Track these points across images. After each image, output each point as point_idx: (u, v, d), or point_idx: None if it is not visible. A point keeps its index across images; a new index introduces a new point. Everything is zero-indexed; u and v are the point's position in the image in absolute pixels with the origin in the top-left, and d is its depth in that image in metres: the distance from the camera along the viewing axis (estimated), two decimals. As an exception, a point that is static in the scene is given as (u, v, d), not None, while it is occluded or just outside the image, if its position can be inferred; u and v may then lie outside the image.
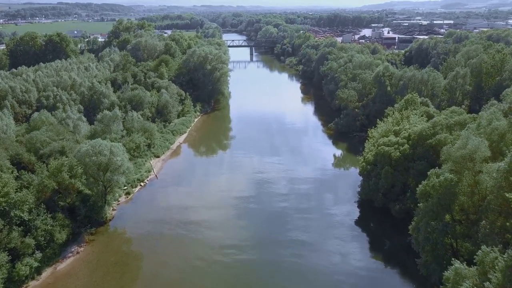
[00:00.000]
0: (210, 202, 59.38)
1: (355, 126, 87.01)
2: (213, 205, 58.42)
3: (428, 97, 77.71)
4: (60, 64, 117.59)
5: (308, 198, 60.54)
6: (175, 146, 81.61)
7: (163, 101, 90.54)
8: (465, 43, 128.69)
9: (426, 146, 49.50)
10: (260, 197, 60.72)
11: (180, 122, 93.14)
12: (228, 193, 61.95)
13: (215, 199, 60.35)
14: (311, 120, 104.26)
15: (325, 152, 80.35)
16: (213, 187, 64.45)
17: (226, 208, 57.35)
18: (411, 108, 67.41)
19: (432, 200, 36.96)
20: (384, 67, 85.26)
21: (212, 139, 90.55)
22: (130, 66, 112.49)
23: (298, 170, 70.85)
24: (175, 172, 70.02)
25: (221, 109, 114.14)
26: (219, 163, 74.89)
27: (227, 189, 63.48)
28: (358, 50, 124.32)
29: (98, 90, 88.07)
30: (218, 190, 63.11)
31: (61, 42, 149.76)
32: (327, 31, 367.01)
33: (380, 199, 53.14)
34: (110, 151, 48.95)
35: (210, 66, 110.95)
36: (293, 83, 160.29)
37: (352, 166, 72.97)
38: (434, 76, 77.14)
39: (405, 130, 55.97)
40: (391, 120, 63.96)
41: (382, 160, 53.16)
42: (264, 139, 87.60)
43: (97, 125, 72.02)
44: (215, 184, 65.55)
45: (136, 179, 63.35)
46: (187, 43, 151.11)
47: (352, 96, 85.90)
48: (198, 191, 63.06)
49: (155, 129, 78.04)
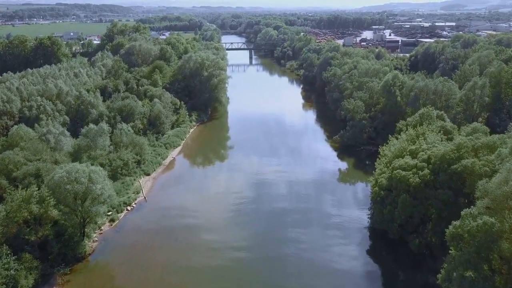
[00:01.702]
0: (203, 228, 53.16)
1: (362, 139, 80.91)
2: (207, 231, 52.23)
3: (442, 109, 71.68)
4: (49, 70, 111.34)
5: (314, 223, 54.36)
6: (167, 161, 75.31)
7: (155, 112, 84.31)
8: (475, 48, 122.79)
9: (450, 172, 43.30)
10: (261, 225, 54.49)
11: (174, 133, 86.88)
12: (223, 218, 55.72)
13: (209, 224, 54.10)
14: (314, 131, 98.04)
15: (330, 168, 74.14)
16: (206, 210, 58.14)
17: (221, 235, 51.14)
18: (426, 123, 61.33)
19: (468, 248, 30.74)
20: (393, 75, 79.14)
21: (208, 152, 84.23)
22: (122, 72, 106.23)
23: (302, 191, 64.65)
24: (167, 193, 63.70)
25: (218, 118, 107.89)
26: (215, 182, 68.48)
27: (222, 214, 57.17)
28: (363, 56, 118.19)
29: (86, 100, 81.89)
30: (212, 215, 56.84)
31: (52, 45, 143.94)
32: (327, 33, 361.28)
33: (396, 230, 46.91)
34: (89, 178, 42.69)
35: (207, 73, 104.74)
36: (294, 89, 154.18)
37: (361, 185, 66.82)
38: (448, 86, 71.02)
39: (423, 151, 49.77)
40: (405, 137, 57.75)
41: (399, 186, 46.93)
42: (265, 152, 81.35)
43: (81, 139, 66.00)
44: (209, 207, 59.24)
45: (122, 203, 57.07)
46: (183, 47, 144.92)
47: (359, 107, 79.75)
48: (191, 214, 56.80)
49: (145, 144, 71.77)
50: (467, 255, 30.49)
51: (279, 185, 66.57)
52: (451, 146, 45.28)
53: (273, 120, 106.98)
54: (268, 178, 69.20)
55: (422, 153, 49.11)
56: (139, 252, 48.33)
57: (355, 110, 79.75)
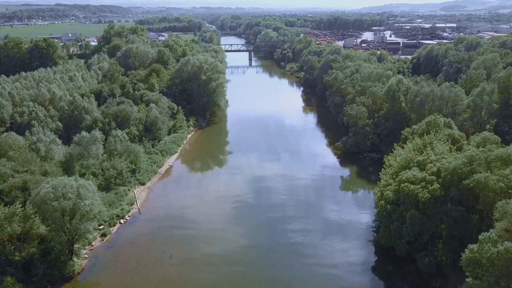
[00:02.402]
0: (200, 241, 50.47)
1: (365, 146, 78.30)
2: (204, 244, 49.56)
3: (449, 115, 69.14)
4: (43, 73, 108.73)
5: (318, 237, 51.73)
6: (163, 169, 72.59)
7: (152, 117, 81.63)
8: (479, 51, 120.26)
9: (462, 187, 40.66)
10: (262, 239, 51.83)
11: (171, 139, 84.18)
12: (221, 230, 53.03)
13: (207, 237, 51.41)
14: (315, 136, 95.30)
15: (332, 176, 71.49)
16: (204, 222, 55.45)
17: (220, 249, 48.48)
18: (433, 131, 58.76)
19: (487, 276, 28.10)
20: (397, 80, 76.49)
21: (206, 159, 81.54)
22: (119, 76, 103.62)
23: (303, 200, 62.02)
24: (162, 204, 60.93)
25: (217, 123, 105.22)
26: (213, 191, 65.68)
27: (220, 226, 54.48)
28: (365, 59, 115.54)
29: (80, 105, 79.21)
30: (210, 226, 54.14)
31: (48, 48, 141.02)
32: (327, 34, 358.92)
33: (404, 247, 44.25)
34: (77, 193, 40.00)
35: (205, 77, 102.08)
36: (294, 92, 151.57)
37: (365, 195, 64.18)
38: (455, 92, 68.41)
39: (431, 163, 47.15)
40: (412, 146, 55.15)
41: (406, 200, 44.30)
42: (265, 157, 78.73)
43: (73, 147, 63.34)
44: (207, 218, 56.54)
45: (115, 216, 54.37)
46: (181, 49, 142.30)
47: (362, 113, 77.11)
48: (188, 226, 54.10)
49: (140, 152, 69.07)
50: (487, 284, 27.85)
51: (280, 193, 64.07)
52: (463, 159, 42.65)
53: (273, 125, 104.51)
54: (268, 185, 66.65)
55: (431, 165, 46.50)
56: (132, 269, 45.68)
57: (358, 116, 77.13)
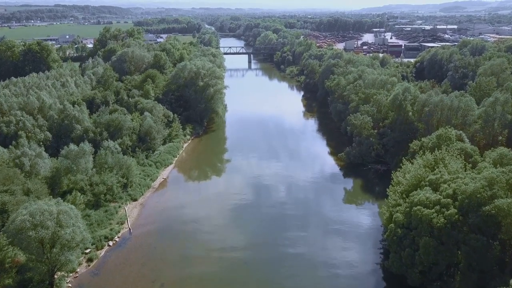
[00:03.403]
0: (195, 266, 46.64)
1: (370, 157, 74.55)
2: (199, 270, 45.74)
3: (459, 126, 65.42)
4: (35, 78, 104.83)
5: (321, 259, 47.94)
6: (157, 183, 68.74)
7: (146, 127, 77.78)
8: (485, 56, 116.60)
9: (482, 214, 36.88)
10: (264, 270, 48.03)
11: (166, 149, 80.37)
12: (218, 255, 49.20)
13: (202, 264, 47.57)
14: (316, 145, 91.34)
15: (335, 190, 67.74)
16: (199, 244, 51.60)
17: (217, 277, 44.66)
18: (444, 145, 55.04)
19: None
20: (404, 88, 72.77)
21: (202, 172, 77.62)
22: (113, 82, 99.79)
23: (305, 215, 58.23)
24: (154, 222, 57.01)
25: (215, 130, 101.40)
26: (208, 208, 61.74)
27: (218, 252, 50.62)
28: (368, 64, 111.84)
29: (70, 114, 75.44)
30: (204, 250, 50.30)
31: (42, 51, 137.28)
32: (328, 36, 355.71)
33: (417, 277, 40.46)
34: (57, 221, 36.19)
35: (202, 82, 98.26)
36: (295, 96, 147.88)
37: (371, 211, 60.36)
38: (466, 102, 64.69)
39: (446, 184, 43.37)
40: (422, 162, 51.40)
41: (420, 226, 40.50)
42: (265, 169, 74.96)
43: (61, 161, 59.56)
44: (202, 240, 52.71)
45: (103, 237, 50.52)
46: (179, 53, 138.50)
47: (367, 123, 73.38)
48: (181, 249, 50.28)
49: (133, 165, 65.21)
50: None
51: (280, 207, 60.47)
52: (481, 181, 38.86)
53: (273, 131, 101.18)
54: (268, 198, 62.92)
55: (445, 186, 42.71)
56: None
57: (362, 126, 73.39)
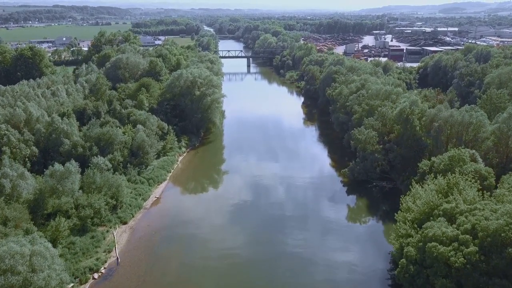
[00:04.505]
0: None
1: (375, 173, 70.61)
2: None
3: (470, 143, 61.56)
4: (25, 87, 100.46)
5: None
6: (149, 202, 64.65)
7: (138, 141, 73.73)
8: (492, 63, 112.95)
9: (507, 256, 32.95)
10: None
11: (160, 164, 76.35)
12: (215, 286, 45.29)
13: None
14: (318, 158, 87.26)
15: (339, 209, 63.77)
16: (192, 277, 47.59)
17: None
18: (457, 166, 51.18)
19: None
20: (411, 102, 68.83)
21: (198, 188, 73.45)
22: (105, 91, 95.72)
23: (305, 238, 54.25)
24: (144, 249, 52.85)
25: (212, 141, 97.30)
26: (204, 232, 57.73)
27: (215, 281, 46.64)
28: (371, 72, 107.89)
29: (58, 128, 71.34)
30: (198, 283, 46.31)
31: (34, 57, 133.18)
32: (328, 38, 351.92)
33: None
34: (30, 264, 32.15)
35: (199, 92, 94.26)
36: (294, 102, 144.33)
37: (377, 235, 56.37)
38: (477, 117, 60.78)
39: (463, 215, 39.43)
40: (434, 187, 47.47)
41: (435, 264, 36.57)
42: (264, 183, 71.03)
43: (45, 182, 55.59)
44: (198, 269, 48.69)
45: (88, 269, 46.47)
46: (176, 59, 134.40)
47: (372, 138, 69.45)
48: (176, 283, 46.28)
49: (123, 185, 61.17)
50: None
51: (279, 226, 56.63)
52: (505, 217, 34.91)
53: (273, 140, 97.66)
54: (267, 216, 58.94)
55: (463, 219, 38.75)
56: None
57: (367, 141, 69.44)
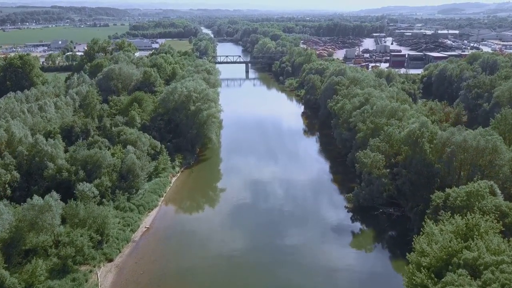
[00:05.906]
0: None
1: (381, 199, 65.88)
2: None
3: (485, 169, 56.91)
4: (10, 100, 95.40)
5: None
6: (138, 234, 59.67)
7: (128, 163, 68.80)
8: (500, 74, 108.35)
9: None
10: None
11: (151, 188, 71.51)
12: None
13: None
14: (319, 179, 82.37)
15: (344, 241, 59.01)
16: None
17: None
18: (476, 200, 46.54)
19: None
20: (421, 123, 64.12)
21: (192, 214, 68.64)
22: (95, 105, 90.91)
23: (305, 272, 49.47)
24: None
25: (208, 159, 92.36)
26: (200, 267, 52.89)
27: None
28: (375, 85, 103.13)
29: (42, 150, 66.47)
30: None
31: (24, 66, 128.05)
32: (327, 41, 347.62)
33: None
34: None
35: (194, 107, 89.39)
36: (294, 111, 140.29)
37: (385, 271, 51.62)
38: (493, 142, 56.09)
39: (488, 270, 34.66)
40: (451, 228, 42.70)
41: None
42: (263, 209, 66.30)
43: (23, 217, 50.66)
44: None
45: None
46: (171, 68, 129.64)
47: (378, 162, 64.71)
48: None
49: (109, 217, 56.24)
50: None
51: (278, 253, 51.85)
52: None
53: (272, 156, 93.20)
54: (266, 248, 54.14)
55: (490, 276, 33.98)
56: None
57: (373, 165, 64.68)
